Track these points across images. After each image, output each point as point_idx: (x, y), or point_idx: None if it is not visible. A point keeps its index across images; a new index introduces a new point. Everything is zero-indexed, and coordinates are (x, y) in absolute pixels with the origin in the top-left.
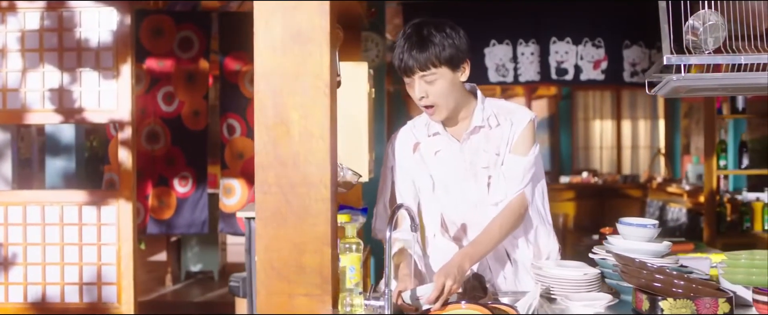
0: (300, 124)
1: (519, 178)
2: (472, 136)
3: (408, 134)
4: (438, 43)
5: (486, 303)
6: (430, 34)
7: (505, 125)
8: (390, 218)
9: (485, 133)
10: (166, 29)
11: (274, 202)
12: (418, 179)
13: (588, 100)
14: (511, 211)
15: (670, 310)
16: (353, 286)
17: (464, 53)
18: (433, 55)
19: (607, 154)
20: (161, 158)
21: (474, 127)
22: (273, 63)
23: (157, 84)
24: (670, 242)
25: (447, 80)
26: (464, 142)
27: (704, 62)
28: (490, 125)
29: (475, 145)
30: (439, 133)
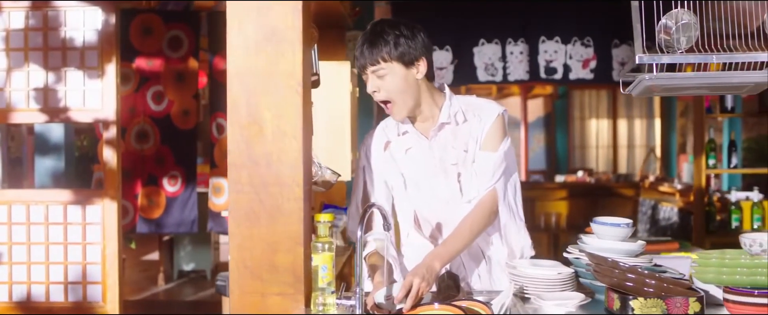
0: (273, 124)
1: (489, 174)
2: (439, 133)
3: (380, 134)
4: (389, 40)
5: (459, 302)
6: (383, 32)
7: (474, 121)
8: (361, 218)
9: (452, 129)
10: (156, 28)
11: (247, 201)
12: (390, 178)
13: (584, 99)
14: (481, 209)
15: (641, 310)
16: (326, 285)
17: (418, 51)
18: (383, 50)
19: (604, 153)
20: (150, 157)
21: (440, 123)
22: (246, 62)
23: (146, 83)
24: (645, 242)
25: (398, 76)
26: (432, 139)
27: (676, 61)
28: (457, 121)
29: (443, 142)
30: (409, 131)
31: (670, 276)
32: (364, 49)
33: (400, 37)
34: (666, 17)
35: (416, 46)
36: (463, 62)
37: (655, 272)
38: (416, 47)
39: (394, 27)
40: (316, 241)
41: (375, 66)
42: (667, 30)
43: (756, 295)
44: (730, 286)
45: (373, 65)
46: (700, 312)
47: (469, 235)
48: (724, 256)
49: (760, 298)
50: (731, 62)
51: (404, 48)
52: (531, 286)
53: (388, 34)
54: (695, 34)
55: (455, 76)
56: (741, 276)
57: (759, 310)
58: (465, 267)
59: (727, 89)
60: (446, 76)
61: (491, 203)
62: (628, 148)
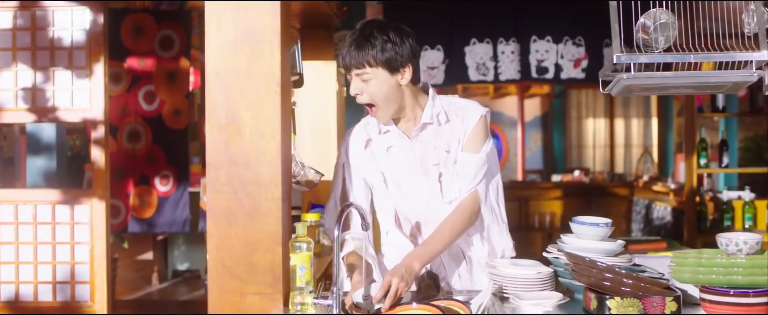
0: (251, 124)
1: (471, 176)
2: (421, 133)
3: (360, 131)
4: (376, 45)
5: (438, 302)
6: (371, 35)
7: (456, 122)
8: (338, 217)
9: (434, 129)
10: (147, 28)
11: (225, 201)
12: (370, 176)
13: (581, 98)
14: (462, 210)
15: (617, 309)
16: (304, 285)
17: (405, 58)
18: (369, 55)
19: (600, 153)
20: (142, 157)
21: (422, 123)
22: (224, 62)
23: (138, 83)
24: (623, 241)
25: (382, 81)
26: (414, 138)
27: (654, 61)
28: (439, 122)
29: (424, 142)
30: (391, 130)
31: (648, 276)
32: (351, 51)
33: (387, 42)
34: (644, 17)
35: (403, 52)
36: (454, 62)
37: (634, 272)
38: (403, 54)
39: (382, 31)
40: (294, 240)
41: (360, 69)
42: (645, 29)
43: (732, 294)
44: (707, 286)
45: (358, 68)
46: (676, 312)
47: (449, 235)
48: (701, 256)
49: (736, 297)
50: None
51: (391, 54)
52: (510, 285)
53: (376, 39)
54: (673, 33)
55: (446, 76)
56: (717, 276)
57: (735, 310)
58: (445, 267)
59: (706, 88)
60: (437, 76)
61: (473, 204)
62: (625, 147)
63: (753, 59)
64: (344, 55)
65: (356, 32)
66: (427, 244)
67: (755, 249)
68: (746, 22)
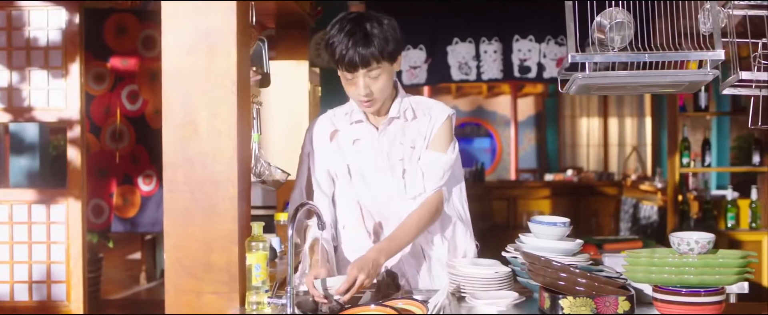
0: (208, 123)
1: (438, 175)
2: (388, 127)
3: (326, 123)
4: (382, 38)
5: (396, 301)
6: (374, 29)
7: (423, 119)
8: (291, 217)
9: (401, 125)
10: (130, 28)
11: (182, 200)
12: (335, 168)
13: (575, 97)
14: (428, 207)
15: (570, 309)
16: (260, 284)
17: (402, 46)
18: (378, 50)
19: (594, 152)
20: (125, 157)
21: (390, 118)
22: (181, 62)
23: (121, 82)
24: (581, 241)
25: (388, 74)
26: (381, 132)
27: (609, 60)
28: (406, 117)
29: (391, 137)
30: (362, 121)
31: (605, 275)
32: (359, 49)
33: (389, 33)
34: (601, 16)
35: (400, 40)
36: (436, 61)
37: (590, 271)
38: (400, 42)
39: (380, 23)
40: (250, 240)
41: (369, 67)
42: (601, 29)
43: (684, 294)
44: (659, 285)
45: (366, 66)
46: (629, 311)
47: (415, 231)
48: (653, 255)
49: (687, 297)
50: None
51: (394, 45)
52: (468, 284)
53: (379, 31)
54: (629, 33)
55: (429, 75)
56: (669, 275)
57: (687, 309)
58: (406, 265)
59: (662, 88)
60: (420, 75)
61: (438, 203)
62: (618, 146)
63: (708, 58)
64: (348, 54)
65: (352, 29)
66: (393, 238)
67: (707, 248)
68: (702, 22)
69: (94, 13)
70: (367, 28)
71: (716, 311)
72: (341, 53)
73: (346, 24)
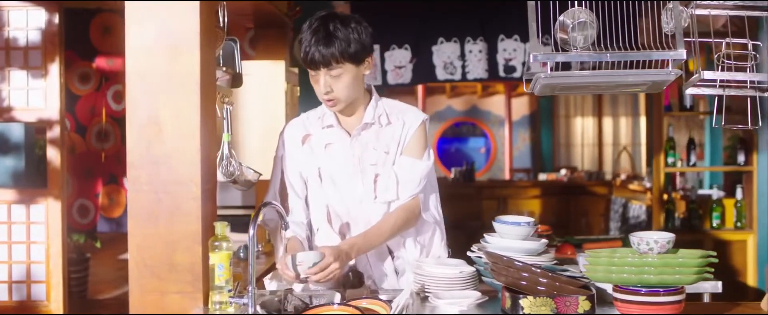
0: (172, 124)
1: (416, 181)
2: (362, 133)
3: (298, 126)
4: (343, 39)
5: (360, 301)
6: (336, 29)
7: (397, 124)
8: (253, 218)
9: (376, 130)
10: (116, 28)
11: (146, 200)
12: (306, 171)
13: (569, 97)
14: (406, 212)
15: (530, 309)
16: (223, 284)
17: (369, 48)
18: (337, 50)
19: (589, 152)
20: (111, 157)
21: (364, 123)
22: (145, 63)
23: (106, 82)
24: (546, 240)
25: (351, 75)
26: (354, 137)
27: (571, 59)
28: (380, 123)
29: (365, 142)
30: (333, 125)
31: (568, 275)
32: (320, 48)
33: (353, 34)
34: (564, 15)
35: (367, 42)
36: (421, 61)
37: (554, 271)
38: (367, 44)
39: (346, 24)
40: (213, 239)
41: (329, 67)
42: (564, 28)
43: (643, 293)
44: (619, 285)
45: (326, 66)
46: (590, 311)
47: (389, 233)
48: (613, 255)
49: (647, 296)
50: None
51: (357, 47)
52: (432, 284)
53: (341, 32)
54: (592, 32)
55: (414, 75)
56: (629, 275)
57: (646, 309)
58: (374, 266)
59: (627, 87)
60: (405, 75)
61: (415, 209)
62: (613, 146)
63: (669, 58)
64: (310, 52)
65: (317, 27)
66: (366, 236)
67: (666, 248)
68: (665, 21)
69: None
70: (330, 28)
71: (676, 311)
72: (305, 50)
73: (314, 22)
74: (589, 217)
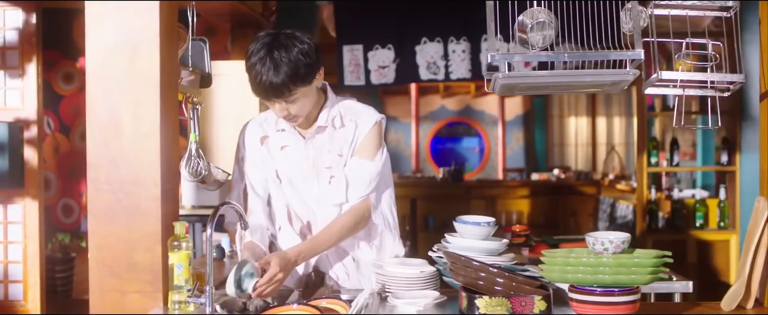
0: (131, 124)
1: (365, 183)
2: (316, 136)
3: (256, 127)
4: (292, 66)
5: (319, 301)
6: (281, 57)
7: (350, 127)
8: (211, 217)
9: (330, 133)
10: None
11: (105, 200)
12: (265, 172)
13: (563, 96)
14: (354, 214)
15: (486, 309)
16: (183, 283)
17: (318, 65)
18: (289, 80)
19: (583, 151)
20: None
21: (318, 126)
22: (104, 62)
23: None
24: (507, 240)
25: (306, 96)
26: (309, 140)
27: (528, 60)
28: (334, 126)
29: (319, 145)
30: (286, 129)
31: (528, 275)
32: (271, 77)
33: (300, 57)
34: (523, 15)
35: (315, 59)
36: (405, 61)
37: (514, 271)
38: (316, 61)
39: (289, 48)
40: (172, 239)
41: (281, 96)
42: (523, 28)
43: (598, 293)
44: (575, 285)
45: (279, 97)
46: (546, 310)
47: (337, 237)
48: (569, 255)
49: (602, 296)
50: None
51: (306, 69)
52: (393, 284)
53: (287, 59)
54: (551, 32)
55: (397, 75)
56: (584, 275)
57: (601, 309)
58: (336, 266)
59: (585, 87)
60: (388, 75)
61: (364, 211)
62: (607, 146)
63: (627, 58)
64: (261, 82)
65: (263, 56)
66: (314, 240)
67: (621, 248)
68: (624, 21)
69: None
70: (275, 55)
71: (630, 310)
72: (255, 82)
73: (260, 49)
74: (578, 216)
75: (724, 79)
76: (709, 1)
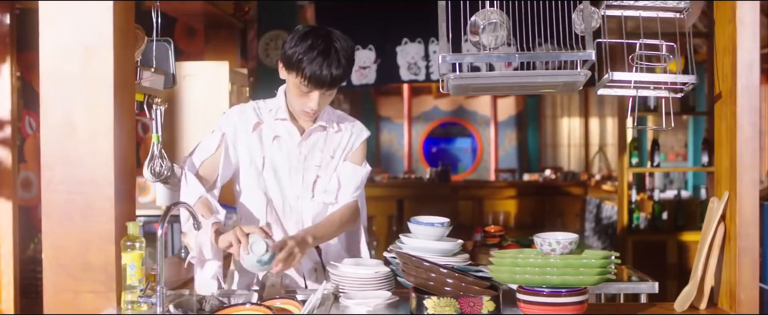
0: (85, 124)
1: (357, 185)
2: (313, 133)
3: (250, 113)
4: (348, 60)
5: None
6: (342, 49)
7: (346, 133)
8: (163, 217)
9: (326, 134)
10: None
11: (60, 200)
12: (249, 156)
13: (555, 97)
14: (349, 210)
15: (434, 309)
16: (136, 283)
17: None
18: (345, 72)
19: (575, 152)
20: None
21: (318, 125)
22: (59, 63)
23: None
24: (461, 241)
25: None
26: (306, 136)
27: (480, 60)
28: (332, 128)
29: (313, 142)
30: (287, 119)
31: (481, 275)
32: (331, 70)
33: (352, 52)
34: (476, 16)
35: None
36: (385, 61)
37: (466, 272)
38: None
39: (344, 44)
40: (125, 239)
41: (331, 87)
42: (475, 29)
43: (545, 294)
44: (523, 286)
45: (333, 87)
46: (495, 311)
47: (337, 227)
48: (517, 256)
49: (549, 297)
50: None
51: (353, 64)
52: (347, 284)
53: (345, 53)
54: (503, 33)
55: (378, 76)
56: (532, 275)
57: (548, 310)
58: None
59: (540, 88)
60: (369, 76)
61: (356, 209)
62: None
63: (578, 59)
64: (320, 73)
65: (325, 48)
66: (321, 226)
67: (569, 249)
68: (577, 22)
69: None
70: (337, 47)
71: (578, 311)
72: (314, 72)
73: (319, 42)
74: (565, 217)
75: (677, 79)
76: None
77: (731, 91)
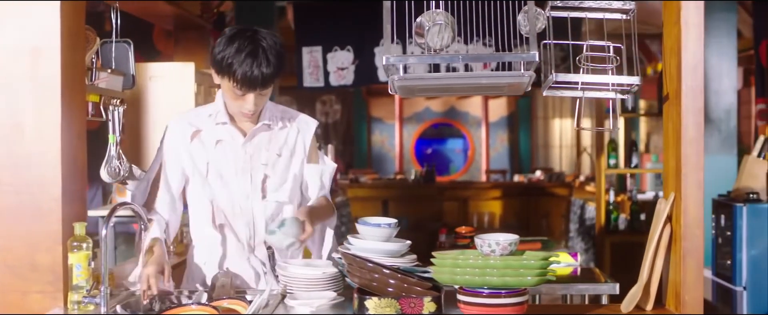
0: (33, 126)
1: (325, 182)
2: (258, 133)
3: (184, 123)
4: (279, 57)
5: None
6: (270, 49)
7: (291, 130)
8: (107, 218)
9: (269, 132)
10: None
11: (8, 201)
12: (191, 165)
13: (547, 98)
14: (325, 202)
15: (375, 310)
16: (83, 283)
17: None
18: (276, 71)
19: (567, 153)
20: None
21: (261, 124)
22: (6, 65)
23: None
24: (408, 242)
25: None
26: (249, 136)
27: (423, 62)
28: (275, 126)
29: (258, 142)
30: (227, 122)
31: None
32: (263, 69)
33: (282, 50)
34: (422, 17)
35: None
36: (364, 62)
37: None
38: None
39: (273, 42)
40: (72, 240)
41: (264, 87)
42: (420, 30)
43: (485, 295)
44: (464, 287)
45: (265, 87)
46: (436, 311)
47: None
48: (458, 257)
49: (488, 298)
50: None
51: (284, 63)
52: (294, 284)
53: (273, 51)
54: (449, 35)
55: (356, 76)
56: (473, 276)
57: (487, 310)
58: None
59: (483, 89)
60: (347, 77)
61: (330, 204)
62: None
63: (521, 60)
64: (250, 74)
65: (253, 50)
66: (316, 207)
67: (508, 250)
68: (523, 24)
69: None
70: (264, 45)
71: (518, 312)
72: (245, 74)
73: (245, 43)
74: (551, 218)
75: (622, 81)
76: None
77: (677, 92)
